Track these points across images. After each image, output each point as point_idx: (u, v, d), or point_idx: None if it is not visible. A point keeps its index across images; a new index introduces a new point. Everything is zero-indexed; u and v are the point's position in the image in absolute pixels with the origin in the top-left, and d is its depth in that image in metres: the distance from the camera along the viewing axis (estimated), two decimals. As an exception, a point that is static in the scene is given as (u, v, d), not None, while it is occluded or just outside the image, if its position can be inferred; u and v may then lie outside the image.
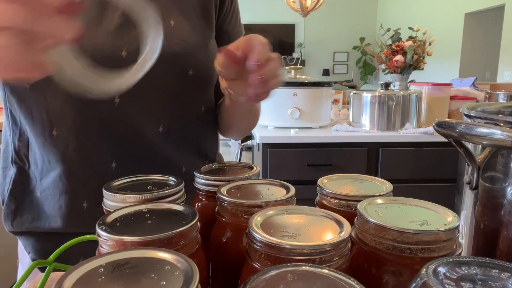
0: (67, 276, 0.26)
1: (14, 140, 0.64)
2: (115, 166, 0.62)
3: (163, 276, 0.26)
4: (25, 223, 0.63)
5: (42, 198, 0.63)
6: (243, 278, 0.34)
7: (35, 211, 0.63)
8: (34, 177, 0.64)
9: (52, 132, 0.60)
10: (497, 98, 1.74)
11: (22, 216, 0.64)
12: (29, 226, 0.64)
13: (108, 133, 0.61)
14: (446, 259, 0.27)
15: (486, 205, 0.41)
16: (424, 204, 0.39)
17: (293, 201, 0.43)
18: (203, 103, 0.70)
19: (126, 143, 0.62)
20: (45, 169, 0.62)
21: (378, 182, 0.48)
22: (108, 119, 0.61)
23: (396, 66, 2.18)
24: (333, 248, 0.31)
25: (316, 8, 4.64)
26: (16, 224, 0.64)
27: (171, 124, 0.65)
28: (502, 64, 4.82)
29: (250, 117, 0.77)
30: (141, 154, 0.64)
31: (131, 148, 0.63)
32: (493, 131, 0.34)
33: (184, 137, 0.68)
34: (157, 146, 0.65)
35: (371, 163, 1.86)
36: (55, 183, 0.61)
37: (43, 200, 0.63)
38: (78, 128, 0.60)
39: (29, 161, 0.64)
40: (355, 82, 8.13)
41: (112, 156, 0.62)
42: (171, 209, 0.39)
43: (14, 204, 0.64)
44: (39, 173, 0.63)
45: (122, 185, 0.47)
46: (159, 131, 0.64)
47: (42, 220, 0.63)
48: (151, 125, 0.64)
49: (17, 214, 0.64)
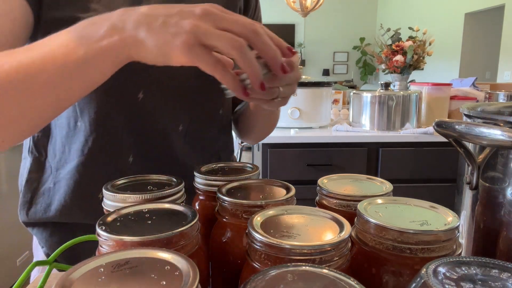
0: (67, 276, 0.26)
1: None
2: (132, 160, 0.64)
3: (163, 276, 0.26)
4: (39, 212, 0.65)
5: (55, 189, 0.64)
6: (243, 278, 0.34)
7: (49, 201, 0.65)
8: (50, 168, 0.65)
9: (76, 123, 0.62)
10: (497, 98, 1.74)
11: (36, 205, 0.65)
12: (43, 217, 0.65)
13: (129, 127, 0.63)
14: (446, 259, 0.27)
15: (486, 205, 0.41)
16: (424, 204, 0.39)
17: (293, 201, 0.43)
18: (221, 106, 0.72)
19: (145, 139, 0.64)
20: (63, 159, 0.64)
21: (378, 182, 0.48)
22: (130, 113, 0.62)
23: (396, 66, 2.18)
24: (333, 248, 0.31)
25: (316, 8, 4.64)
26: (31, 214, 0.65)
27: (190, 124, 0.67)
28: (502, 64, 4.82)
29: (271, 121, 0.80)
30: (158, 151, 0.65)
31: (149, 145, 0.64)
32: (493, 131, 0.34)
33: (201, 138, 0.70)
34: (174, 144, 0.66)
35: (371, 163, 1.86)
36: (72, 173, 0.63)
37: (56, 190, 0.64)
38: (100, 121, 0.61)
39: (47, 152, 0.65)
40: (355, 82, 8.14)
41: (130, 151, 0.64)
42: (171, 209, 0.39)
43: (29, 193, 0.66)
44: (56, 164, 0.64)
45: (122, 185, 0.48)
46: (179, 130, 0.66)
47: (56, 210, 0.64)
48: (172, 123, 0.65)
49: (32, 203, 0.65)
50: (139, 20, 0.39)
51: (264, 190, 0.45)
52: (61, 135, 0.63)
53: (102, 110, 0.61)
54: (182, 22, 0.38)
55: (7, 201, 2.14)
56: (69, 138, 0.62)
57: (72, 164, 0.62)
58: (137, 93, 0.61)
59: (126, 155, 0.63)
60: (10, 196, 2.17)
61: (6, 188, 2.15)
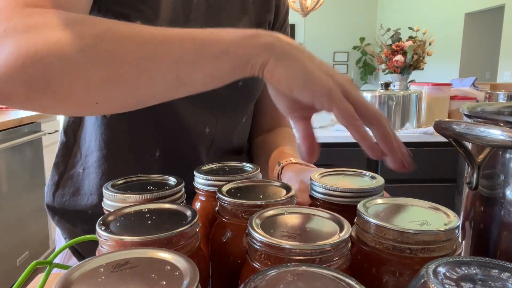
0: (67, 276, 0.26)
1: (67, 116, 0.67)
2: (159, 155, 0.65)
3: (163, 276, 0.26)
4: (66, 195, 0.66)
5: (85, 174, 0.66)
6: (243, 278, 0.34)
7: (76, 186, 0.66)
8: (80, 153, 0.66)
9: (106, 115, 0.62)
10: (497, 98, 1.74)
11: (64, 188, 0.67)
12: (69, 201, 0.66)
13: (157, 123, 0.64)
14: (446, 259, 0.27)
15: (486, 205, 0.41)
16: (424, 204, 0.39)
17: (293, 201, 0.43)
18: (245, 114, 0.75)
19: (172, 137, 0.65)
20: (92, 147, 0.65)
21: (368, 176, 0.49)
22: (160, 109, 0.62)
23: (396, 66, 2.18)
24: (333, 248, 0.31)
25: (316, 8, 4.64)
26: (57, 196, 0.66)
27: (216, 128, 0.69)
28: (502, 64, 4.82)
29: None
30: (184, 150, 0.66)
31: (175, 142, 0.66)
32: (493, 131, 0.34)
33: (224, 143, 0.72)
34: (200, 145, 0.68)
35: (371, 163, 1.86)
36: (99, 161, 0.64)
37: (85, 176, 0.65)
38: (131, 114, 0.61)
39: (77, 137, 0.67)
40: (355, 82, 8.12)
41: (157, 146, 0.65)
42: (171, 209, 0.39)
43: (57, 175, 0.67)
44: (85, 150, 0.66)
45: (122, 185, 0.48)
46: (206, 132, 0.67)
47: (82, 195, 0.65)
48: (199, 125, 0.66)
49: (59, 185, 0.67)
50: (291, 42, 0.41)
51: (264, 190, 0.45)
52: (91, 122, 0.64)
53: None
54: (334, 72, 0.40)
55: (7, 201, 2.14)
56: (97, 127, 0.63)
57: (100, 153, 0.64)
58: None
59: (153, 150, 0.65)
60: (10, 196, 2.17)
61: (6, 188, 2.15)
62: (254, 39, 0.40)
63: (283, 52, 0.39)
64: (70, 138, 0.67)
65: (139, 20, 0.58)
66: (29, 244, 2.36)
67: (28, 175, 2.34)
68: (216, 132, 0.69)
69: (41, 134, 2.42)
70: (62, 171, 0.67)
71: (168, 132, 0.65)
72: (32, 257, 2.36)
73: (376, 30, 7.32)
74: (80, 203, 0.65)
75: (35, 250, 2.43)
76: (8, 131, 2.14)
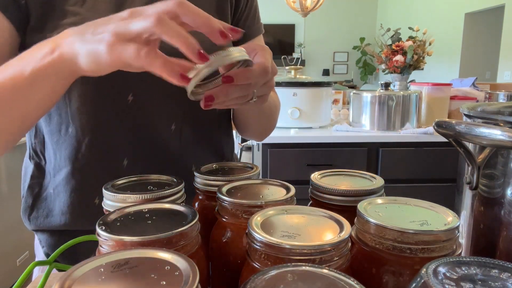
0: (67, 276, 0.26)
1: (31, 137, 0.66)
2: (127, 163, 0.63)
3: (163, 276, 0.26)
4: (40, 218, 0.65)
5: (55, 194, 0.64)
6: (243, 278, 0.34)
7: (49, 207, 0.65)
8: (49, 173, 0.65)
9: (68, 129, 0.61)
10: (497, 98, 1.74)
11: (38, 211, 0.65)
12: (43, 223, 0.65)
13: (121, 130, 0.62)
14: (446, 259, 0.27)
15: (486, 205, 0.41)
16: (424, 204, 0.39)
17: (293, 201, 0.43)
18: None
19: (138, 142, 0.63)
20: (57, 165, 0.64)
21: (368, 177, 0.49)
22: (122, 116, 0.62)
23: (396, 66, 2.18)
24: (333, 248, 0.31)
25: (316, 8, 4.64)
26: (32, 219, 0.65)
27: (183, 123, 0.66)
28: (502, 64, 4.82)
29: (264, 118, 0.77)
30: (153, 152, 0.65)
31: (143, 147, 0.64)
32: (493, 131, 0.34)
33: (198, 138, 0.69)
34: (169, 144, 0.65)
35: (371, 163, 1.86)
36: (67, 179, 0.63)
37: (55, 196, 0.64)
38: (92, 126, 0.61)
39: (45, 158, 0.65)
40: (355, 82, 8.13)
41: (124, 154, 0.63)
42: (171, 209, 0.39)
43: (31, 198, 0.66)
44: (52, 169, 0.64)
45: (122, 185, 0.48)
46: (171, 129, 0.65)
47: (55, 216, 0.64)
48: (163, 123, 0.64)
49: (33, 209, 0.66)
50: (76, 32, 0.41)
51: (264, 190, 0.45)
52: (52, 141, 0.63)
53: (93, 114, 0.60)
54: (108, 26, 0.39)
55: (7, 201, 2.14)
56: (59, 144, 0.62)
57: (66, 170, 0.62)
58: (127, 96, 0.60)
59: (120, 159, 0.63)
60: (10, 196, 2.17)
61: (6, 188, 2.15)
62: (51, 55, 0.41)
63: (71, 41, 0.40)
64: (41, 158, 0.66)
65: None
66: (29, 244, 2.36)
67: (28, 175, 2.34)
68: (184, 128, 0.66)
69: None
70: (37, 192, 0.66)
71: (133, 137, 0.63)
72: (32, 257, 2.35)
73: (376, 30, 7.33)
74: (53, 224, 0.64)
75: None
76: (8, 131, 2.14)
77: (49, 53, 0.41)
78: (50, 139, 0.63)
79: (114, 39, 0.37)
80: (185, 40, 0.37)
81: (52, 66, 0.41)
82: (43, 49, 0.42)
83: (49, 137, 0.63)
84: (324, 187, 0.44)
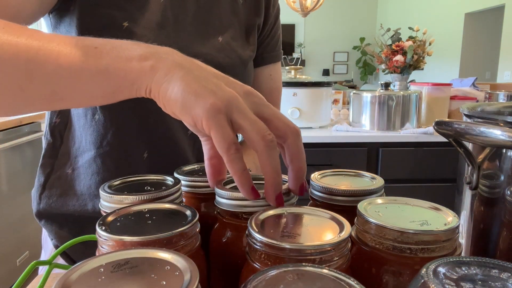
0: (67, 276, 0.26)
1: (52, 116, 0.67)
2: (147, 156, 0.66)
3: (163, 276, 0.26)
4: (52, 196, 0.66)
5: (75, 175, 0.66)
6: (243, 278, 0.34)
7: (64, 187, 0.66)
8: (68, 154, 0.66)
9: (94, 116, 0.63)
10: (497, 98, 1.74)
11: (51, 189, 0.66)
12: (56, 202, 0.65)
13: (144, 125, 0.64)
14: (446, 259, 0.27)
15: (486, 205, 0.41)
16: (424, 204, 0.39)
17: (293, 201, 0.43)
18: None
19: (158, 139, 0.66)
20: (81, 148, 0.65)
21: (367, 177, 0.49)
22: (146, 111, 0.63)
23: (396, 66, 2.18)
24: (333, 248, 0.31)
25: (316, 8, 4.64)
26: (44, 198, 0.66)
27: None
28: (502, 64, 4.82)
29: None
30: (170, 151, 0.67)
31: (161, 144, 0.66)
32: (493, 131, 0.34)
33: None
34: (185, 147, 0.68)
35: (371, 163, 1.86)
36: (89, 163, 0.64)
37: (75, 177, 0.65)
38: (118, 115, 0.63)
39: (63, 138, 0.66)
40: (355, 82, 8.13)
41: (145, 147, 0.65)
42: (171, 209, 0.39)
43: (43, 176, 0.67)
44: (75, 151, 0.66)
45: (119, 186, 0.47)
46: (188, 134, 0.68)
47: (70, 196, 0.65)
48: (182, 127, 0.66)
49: (45, 187, 0.66)
50: (183, 61, 0.37)
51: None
52: (79, 124, 0.64)
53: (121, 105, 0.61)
54: (223, 86, 0.36)
55: (7, 201, 2.14)
56: (86, 128, 0.64)
57: (90, 154, 0.64)
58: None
59: (141, 151, 0.65)
60: (10, 196, 2.17)
61: (6, 188, 2.15)
62: (140, 62, 0.37)
63: (166, 74, 0.36)
64: (57, 139, 0.67)
65: (126, 21, 0.58)
66: (29, 244, 2.36)
67: (28, 175, 2.34)
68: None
69: (41, 134, 2.42)
70: (49, 172, 0.66)
71: (153, 135, 0.65)
72: (32, 257, 2.35)
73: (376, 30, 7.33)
74: (68, 204, 0.65)
75: (35, 250, 2.42)
76: (8, 131, 2.14)
77: (141, 59, 0.37)
78: (77, 122, 0.65)
79: (223, 109, 0.34)
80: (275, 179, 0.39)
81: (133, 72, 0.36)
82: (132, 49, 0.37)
83: (76, 119, 0.65)
84: (324, 187, 0.44)
